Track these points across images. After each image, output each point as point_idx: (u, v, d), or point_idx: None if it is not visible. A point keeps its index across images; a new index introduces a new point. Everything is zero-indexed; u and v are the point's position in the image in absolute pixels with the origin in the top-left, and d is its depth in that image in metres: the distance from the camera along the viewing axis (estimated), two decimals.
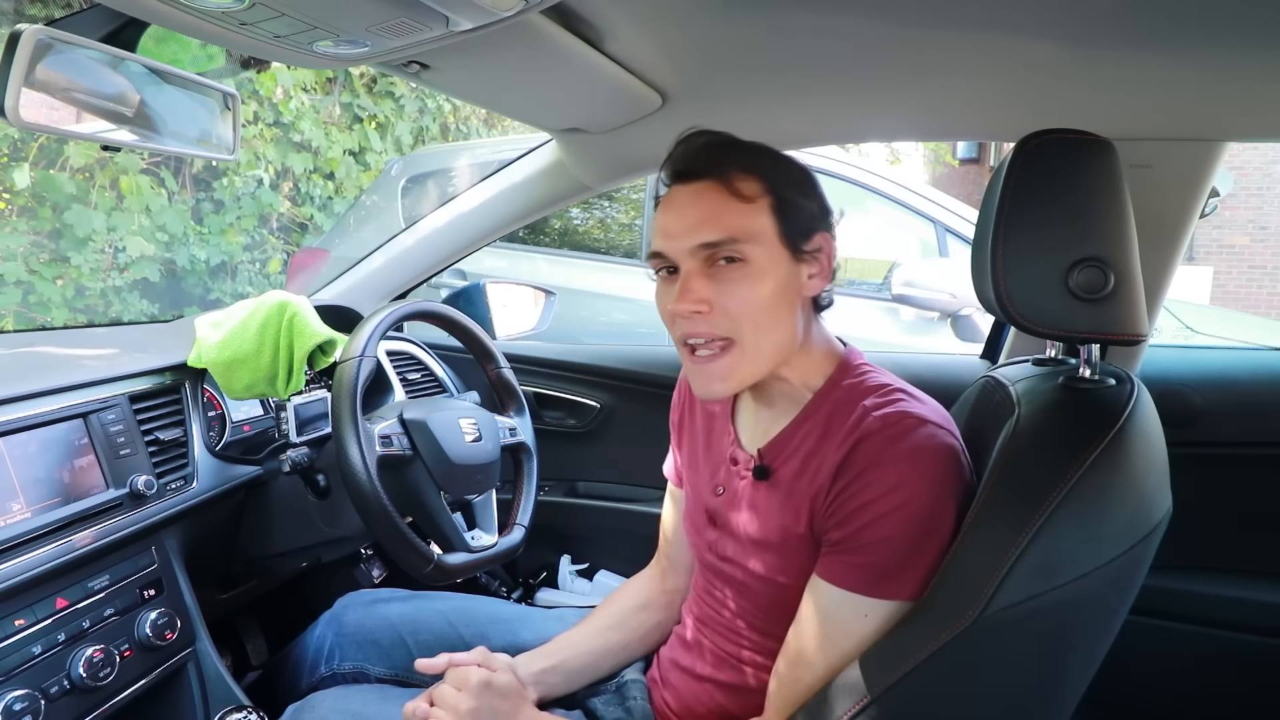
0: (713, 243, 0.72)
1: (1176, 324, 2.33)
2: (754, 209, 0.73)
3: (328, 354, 1.17)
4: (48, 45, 0.78)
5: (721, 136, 0.77)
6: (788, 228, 0.74)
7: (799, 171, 0.77)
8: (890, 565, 0.68)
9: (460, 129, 5.25)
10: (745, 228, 0.72)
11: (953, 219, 2.54)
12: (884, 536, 0.68)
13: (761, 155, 0.77)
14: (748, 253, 0.72)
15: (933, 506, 0.68)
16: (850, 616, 0.69)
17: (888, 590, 0.68)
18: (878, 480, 0.68)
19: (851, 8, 0.85)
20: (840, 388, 0.78)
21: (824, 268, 0.77)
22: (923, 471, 0.68)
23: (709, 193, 0.74)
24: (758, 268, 0.73)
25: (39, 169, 3.36)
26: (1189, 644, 1.20)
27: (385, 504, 0.96)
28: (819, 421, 0.77)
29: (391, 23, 0.72)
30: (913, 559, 0.68)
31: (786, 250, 0.74)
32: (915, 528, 0.67)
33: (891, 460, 0.69)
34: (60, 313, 3.57)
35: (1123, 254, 0.66)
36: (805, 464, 0.76)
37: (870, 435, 0.70)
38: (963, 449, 0.72)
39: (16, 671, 0.78)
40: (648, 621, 0.99)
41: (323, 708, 0.87)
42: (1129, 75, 0.93)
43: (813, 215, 0.76)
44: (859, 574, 0.69)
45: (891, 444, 0.69)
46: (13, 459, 0.84)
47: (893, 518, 0.68)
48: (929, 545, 0.67)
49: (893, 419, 0.70)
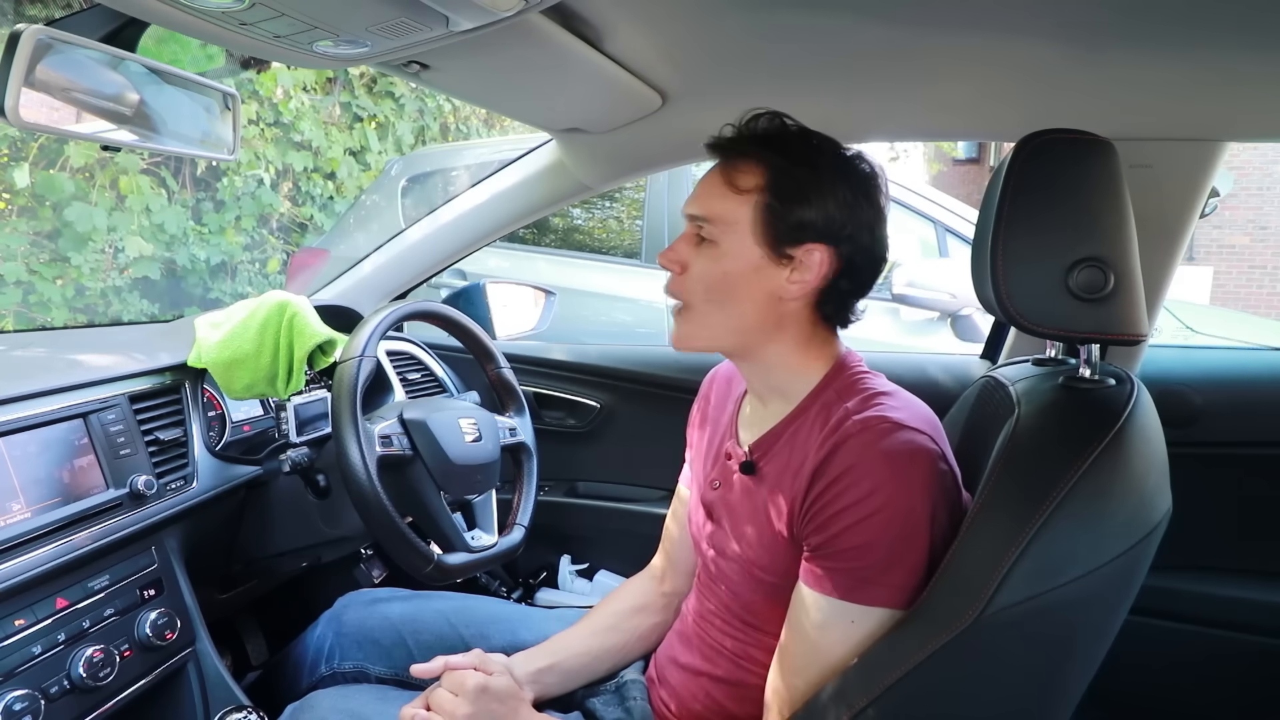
0: (694, 216, 0.79)
1: (1176, 324, 2.33)
2: (741, 200, 0.77)
3: (328, 354, 1.17)
4: (48, 45, 0.78)
5: (767, 127, 0.79)
6: (771, 228, 0.76)
7: (819, 191, 0.75)
8: (870, 571, 0.68)
9: (460, 129, 5.25)
10: (723, 214, 0.77)
11: (953, 219, 2.54)
12: (862, 542, 0.68)
13: (788, 161, 0.76)
14: (718, 236, 0.78)
15: (910, 511, 0.67)
16: (837, 623, 0.70)
17: (870, 596, 0.68)
18: (854, 485, 0.69)
19: (851, 9, 0.85)
20: (830, 389, 0.78)
21: (809, 277, 0.76)
22: (899, 476, 0.68)
23: (715, 173, 0.80)
24: (724, 251, 0.77)
25: (39, 169, 3.36)
26: (1189, 644, 1.20)
27: (385, 504, 0.96)
28: (806, 422, 0.78)
29: (391, 23, 0.72)
30: (894, 564, 0.68)
31: (762, 247, 0.76)
32: (893, 533, 0.67)
33: (868, 465, 0.69)
34: (60, 313, 3.57)
35: (1123, 254, 0.66)
36: (788, 463, 0.77)
37: (848, 439, 0.71)
38: (944, 454, 0.71)
39: (16, 671, 0.78)
40: (644, 624, 0.99)
41: (322, 707, 0.87)
42: (1129, 75, 0.93)
43: (810, 226, 0.75)
44: (840, 580, 0.69)
45: (867, 448, 0.69)
46: (13, 459, 0.84)
47: (870, 523, 0.68)
48: (910, 551, 0.67)
49: (871, 423, 0.71)
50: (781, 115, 0.79)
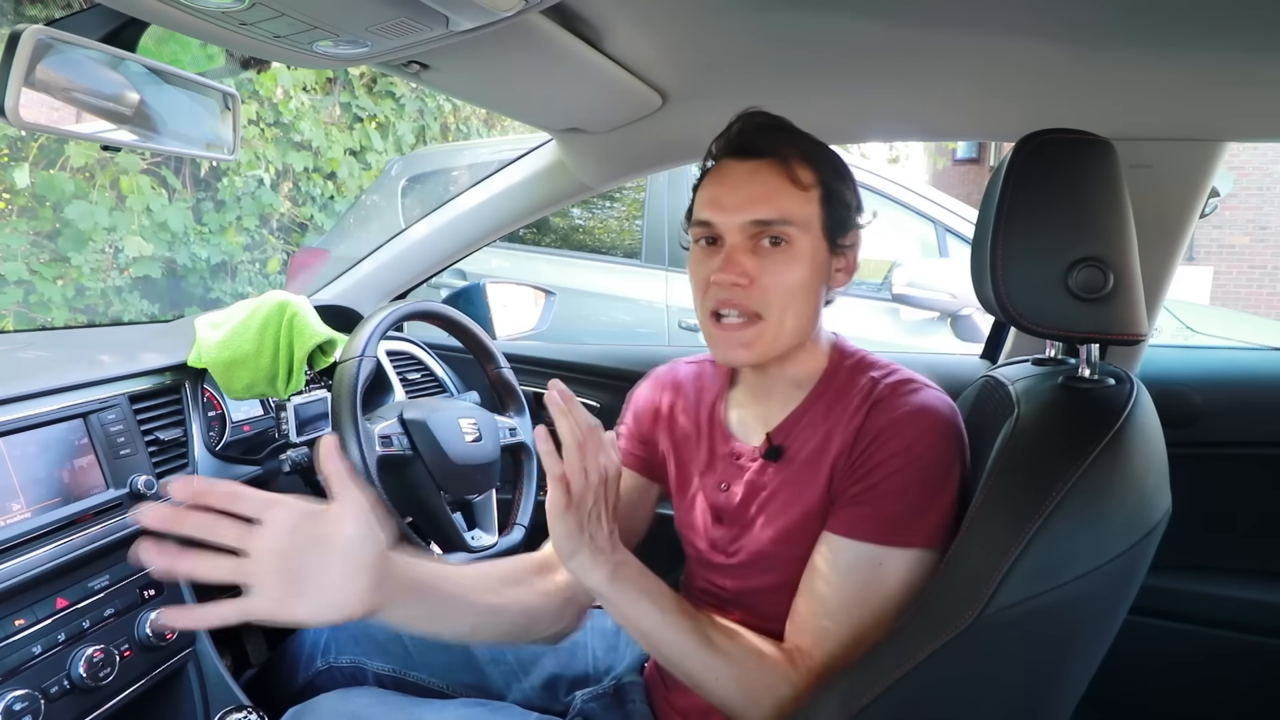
0: (765, 221, 0.75)
1: (1176, 324, 2.33)
2: (807, 196, 0.76)
3: (328, 354, 1.17)
4: (48, 45, 0.78)
5: (782, 121, 0.80)
6: (831, 220, 0.78)
7: (845, 168, 0.80)
8: (903, 514, 0.72)
9: (460, 129, 5.25)
10: (797, 212, 0.76)
11: (953, 219, 2.54)
12: (898, 487, 0.72)
13: (817, 145, 0.79)
14: (794, 236, 0.76)
15: (943, 459, 0.73)
16: (866, 567, 0.72)
17: (901, 537, 0.71)
18: (894, 437, 0.73)
19: (852, 8, 0.85)
20: (843, 369, 0.82)
21: (850, 263, 0.81)
22: (934, 426, 0.74)
23: (767, 172, 0.76)
24: (799, 252, 0.76)
25: (39, 169, 3.36)
26: (1189, 644, 1.20)
27: (385, 504, 0.96)
28: (826, 400, 0.81)
29: (391, 23, 0.72)
30: (924, 508, 0.72)
31: (826, 241, 0.78)
32: (928, 478, 0.72)
33: (906, 419, 0.74)
34: (60, 313, 3.57)
35: (1122, 254, 0.66)
36: (819, 437, 0.79)
37: (883, 399, 0.76)
38: (958, 411, 0.77)
39: (16, 671, 0.78)
40: (523, 598, 0.82)
41: (323, 710, 0.87)
42: (1129, 75, 0.93)
43: (852, 211, 0.80)
44: (872, 524, 0.72)
45: (902, 405, 0.75)
46: (13, 459, 0.84)
47: (908, 470, 0.72)
48: (939, 497, 0.72)
49: (900, 385, 0.77)
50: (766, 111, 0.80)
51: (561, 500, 0.69)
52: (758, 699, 0.71)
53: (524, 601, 0.82)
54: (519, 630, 0.82)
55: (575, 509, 0.69)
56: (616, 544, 0.73)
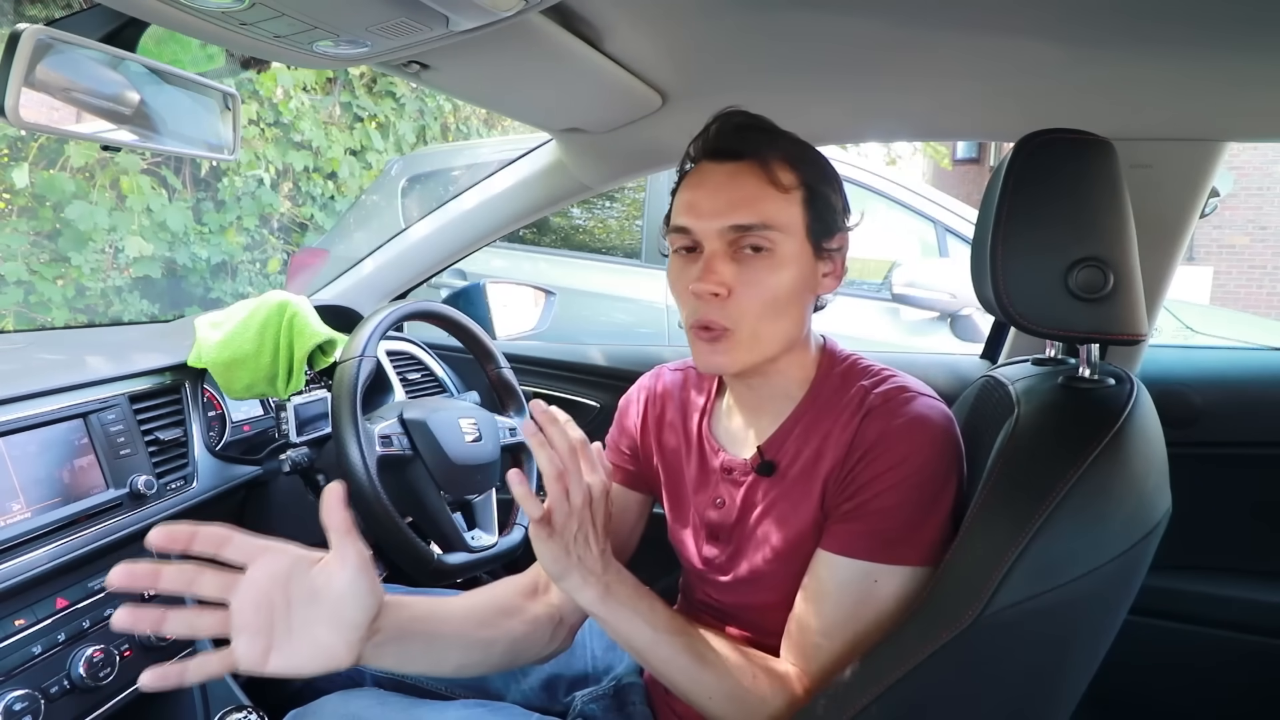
0: (745, 226, 0.72)
1: (1176, 324, 2.33)
2: (789, 199, 0.73)
3: (328, 354, 1.17)
4: (48, 45, 0.78)
5: (761, 120, 0.76)
6: (815, 223, 0.74)
7: (829, 168, 0.77)
8: (897, 531, 0.70)
9: (460, 129, 5.25)
10: (778, 216, 0.72)
11: (953, 219, 2.54)
12: (892, 504, 0.70)
13: (799, 145, 0.76)
14: (776, 241, 0.72)
15: (938, 474, 0.71)
16: (860, 584, 0.70)
17: (895, 555, 0.70)
18: (886, 452, 0.71)
19: (852, 8, 0.85)
20: (833, 376, 0.79)
21: (838, 267, 0.78)
22: (928, 440, 0.71)
23: (746, 175, 0.73)
24: (781, 259, 0.73)
25: (39, 169, 3.36)
26: (1189, 644, 1.20)
27: (385, 504, 0.96)
28: (817, 411, 0.78)
29: (391, 23, 0.72)
30: (919, 524, 0.70)
31: (810, 245, 0.74)
32: (921, 494, 0.70)
33: (898, 432, 0.71)
34: (60, 313, 3.57)
35: (1122, 254, 0.66)
36: (811, 451, 0.77)
37: (874, 410, 0.74)
38: (953, 419, 0.75)
39: (16, 671, 0.78)
40: (516, 629, 0.82)
41: (324, 712, 0.86)
42: (1129, 75, 0.93)
43: (837, 214, 0.76)
44: (865, 541, 0.71)
45: (894, 416, 0.72)
46: (13, 459, 0.84)
47: (902, 487, 0.70)
48: (934, 512, 0.70)
49: (892, 394, 0.74)
50: (745, 110, 0.77)
51: (543, 530, 0.68)
52: (752, 716, 0.71)
53: (514, 633, 0.81)
54: (507, 661, 0.82)
55: (559, 535, 0.68)
56: (609, 562, 0.72)
